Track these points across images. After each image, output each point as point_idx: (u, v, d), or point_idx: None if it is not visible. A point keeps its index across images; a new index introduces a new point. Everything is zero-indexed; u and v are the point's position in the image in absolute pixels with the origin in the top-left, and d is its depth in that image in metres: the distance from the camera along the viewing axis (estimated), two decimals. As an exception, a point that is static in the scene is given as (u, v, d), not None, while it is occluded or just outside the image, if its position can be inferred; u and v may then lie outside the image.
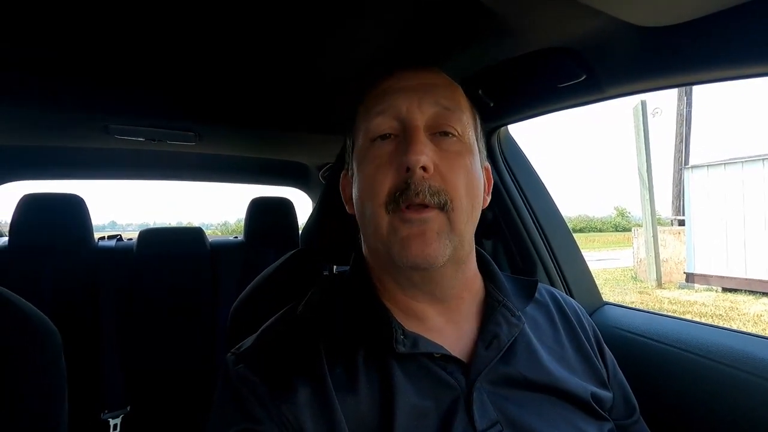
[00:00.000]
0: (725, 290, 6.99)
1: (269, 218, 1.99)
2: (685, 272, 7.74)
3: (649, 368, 0.80)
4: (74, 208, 1.66)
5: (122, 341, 1.64)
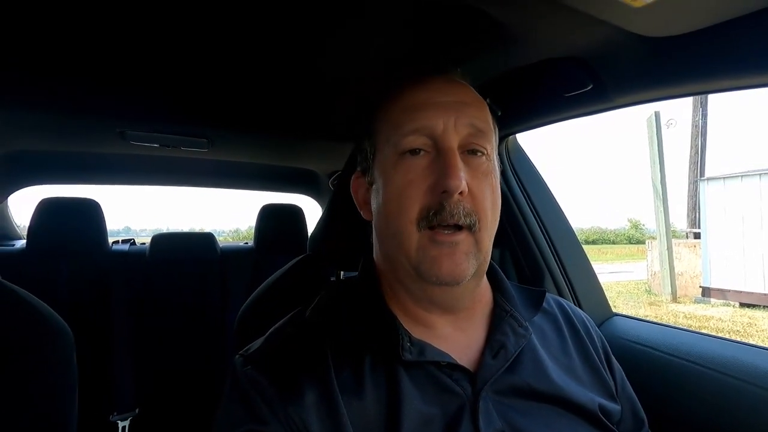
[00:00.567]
0: (743, 305, 6.82)
1: (279, 225, 2.01)
2: (701, 286, 7.57)
3: (657, 380, 0.78)
4: (90, 212, 1.70)
5: (133, 343, 1.66)
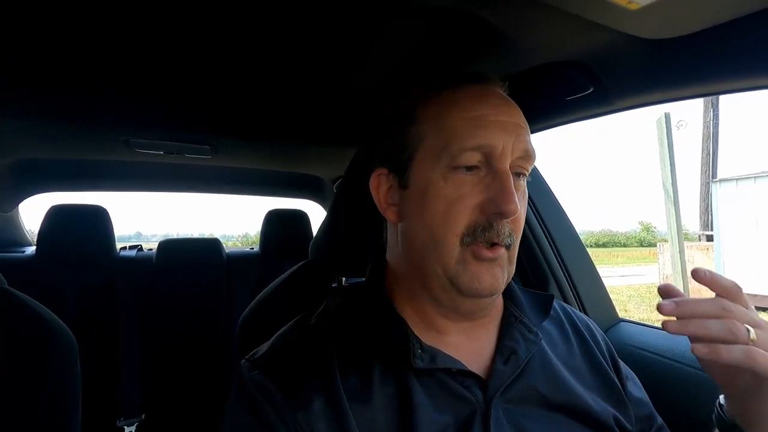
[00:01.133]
0: (758, 309, 6.64)
1: (284, 230, 2.02)
2: (714, 289, 7.42)
3: (664, 388, 0.77)
4: (98, 218, 1.72)
5: (140, 349, 1.68)
